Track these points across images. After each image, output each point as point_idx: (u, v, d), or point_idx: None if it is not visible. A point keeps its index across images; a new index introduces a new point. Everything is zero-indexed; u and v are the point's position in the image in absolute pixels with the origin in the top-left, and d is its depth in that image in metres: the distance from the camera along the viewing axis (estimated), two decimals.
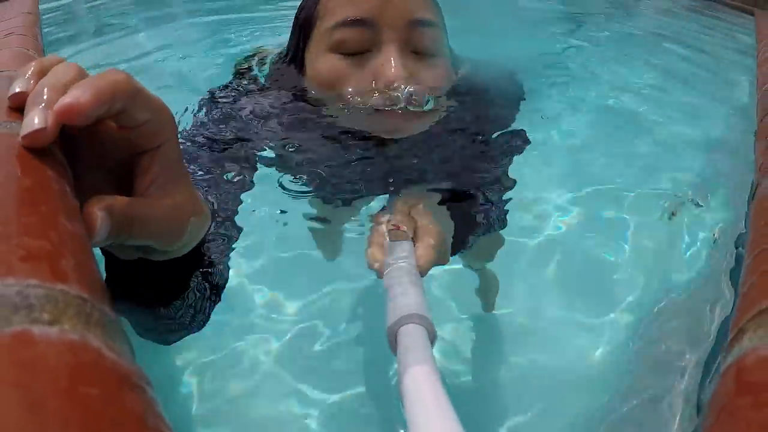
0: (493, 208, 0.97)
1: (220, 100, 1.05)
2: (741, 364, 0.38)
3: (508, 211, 1.03)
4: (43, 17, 2.74)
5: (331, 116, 0.95)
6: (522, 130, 1.12)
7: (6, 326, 0.29)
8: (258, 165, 0.98)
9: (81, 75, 0.45)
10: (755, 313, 0.43)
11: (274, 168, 1.04)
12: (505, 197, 1.03)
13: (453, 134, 1.02)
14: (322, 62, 0.92)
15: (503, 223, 1.02)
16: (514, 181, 1.08)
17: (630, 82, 2.43)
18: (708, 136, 2.03)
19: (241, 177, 0.91)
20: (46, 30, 2.51)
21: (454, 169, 1.00)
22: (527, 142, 1.11)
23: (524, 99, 1.19)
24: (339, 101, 0.92)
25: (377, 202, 1.06)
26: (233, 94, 1.08)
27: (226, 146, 0.95)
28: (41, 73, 0.45)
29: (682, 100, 2.33)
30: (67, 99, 0.41)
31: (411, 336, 0.51)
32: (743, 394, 0.35)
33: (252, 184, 0.94)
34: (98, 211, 0.43)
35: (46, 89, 0.42)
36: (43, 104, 0.42)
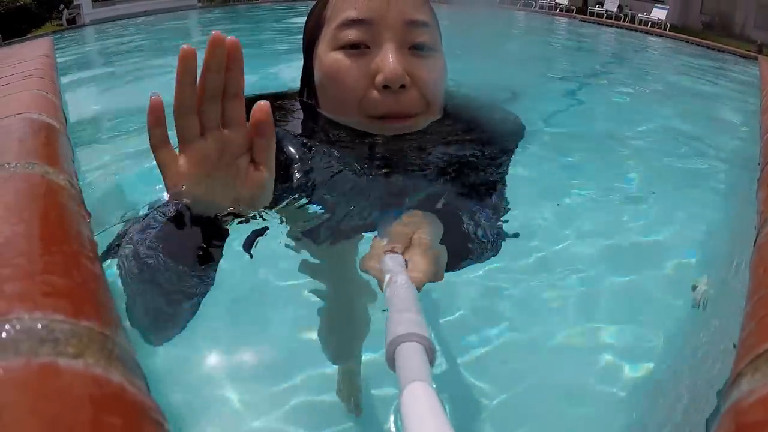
0: (487, 232, 0.99)
1: None
2: (739, 406, 0.39)
3: (504, 238, 1.05)
4: None
5: (336, 122, 1.02)
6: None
7: (33, 357, 0.31)
8: None
9: None
10: (753, 358, 0.44)
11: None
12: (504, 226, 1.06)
13: (448, 155, 1.06)
14: (327, 59, 0.99)
15: (496, 250, 1.04)
16: (507, 208, 1.10)
17: (632, 129, 2.46)
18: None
19: None
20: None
21: (448, 189, 1.04)
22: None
23: (523, 136, 1.21)
24: (343, 103, 0.98)
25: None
26: None
27: None
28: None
29: (689, 145, 2.35)
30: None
31: (409, 354, 0.52)
32: None
33: None
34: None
35: None
36: None
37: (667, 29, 12.46)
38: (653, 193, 1.95)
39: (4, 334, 0.32)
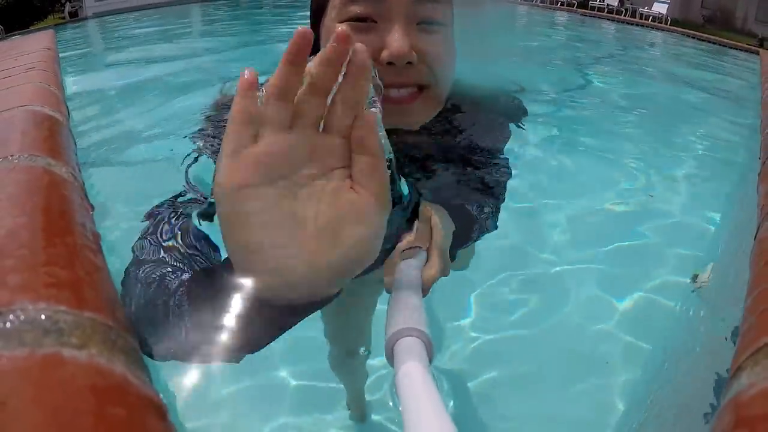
0: (486, 222, 1.00)
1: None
2: (739, 399, 0.39)
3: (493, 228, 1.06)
4: None
5: None
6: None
7: (37, 348, 0.31)
8: None
9: None
10: (753, 351, 0.44)
11: None
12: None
13: (452, 145, 1.06)
14: (333, 29, 0.97)
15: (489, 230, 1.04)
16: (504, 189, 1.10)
17: (633, 123, 2.45)
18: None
19: None
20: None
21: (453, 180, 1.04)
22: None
23: (526, 115, 1.21)
24: None
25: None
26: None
27: None
28: None
29: (688, 139, 2.35)
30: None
31: (407, 348, 0.53)
32: (740, 427, 0.36)
33: None
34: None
35: None
36: None
37: (668, 23, 12.41)
38: (651, 195, 1.95)
39: (8, 325, 0.33)
